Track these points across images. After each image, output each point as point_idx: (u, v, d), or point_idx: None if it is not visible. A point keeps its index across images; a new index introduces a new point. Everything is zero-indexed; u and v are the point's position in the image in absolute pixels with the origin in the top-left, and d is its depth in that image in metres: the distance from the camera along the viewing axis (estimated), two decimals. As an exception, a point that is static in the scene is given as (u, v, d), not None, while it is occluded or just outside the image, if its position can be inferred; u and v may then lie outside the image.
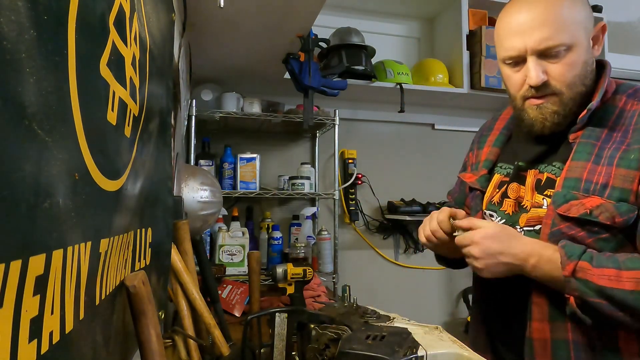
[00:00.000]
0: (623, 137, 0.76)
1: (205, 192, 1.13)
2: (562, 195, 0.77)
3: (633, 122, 0.76)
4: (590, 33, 0.80)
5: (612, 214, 0.72)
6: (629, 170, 0.73)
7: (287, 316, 0.85)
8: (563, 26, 0.76)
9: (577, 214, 0.75)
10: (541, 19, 0.76)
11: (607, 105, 0.81)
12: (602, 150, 0.77)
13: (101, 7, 0.37)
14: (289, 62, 1.56)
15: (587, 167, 0.77)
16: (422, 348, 0.57)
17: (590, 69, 0.80)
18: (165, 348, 0.79)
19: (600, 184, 0.75)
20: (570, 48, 0.77)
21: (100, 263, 0.39)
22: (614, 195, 0.74)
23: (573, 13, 0.77)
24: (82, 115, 0.32)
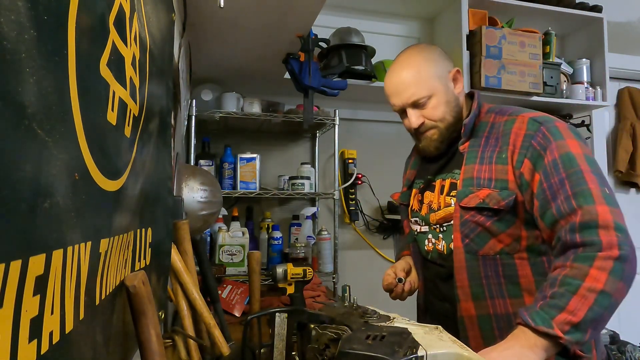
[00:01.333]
0: (495, 142, 1.00)
1: (205, 192, 1.13)
2: (462, 192, 1.00)
3: (501, 130, 1.01)
4: (446, 79, 1.06)
5: (497, 200, 0.94)
6: (503, 166, 0.96)
7: (287, 316, 0.85)
8: (420, 83, 1.03)
9: (475, 203, 0.97)
10: (406, 83, 1.04)
11: (481, 123, 1.06)
12: (483, 153, 1.01)
13: (101, 7, 0.37)
14: (289, 62, 1.56)
15: (476, 168, 1.00)
16: (422, 348, 0.57)
17: (455, 104, 1.06)
18: (165, 348, 0.79)
19: (486, 178, 0.97)
20: (430, 97, 1.03)
21: (100, 263, 0.39)
22: (497, 186, 0.96)
23: (427, 71, 1.04)
24: (82, 115, 0.32)
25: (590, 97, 2.41)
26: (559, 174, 0.88)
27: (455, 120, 1.06)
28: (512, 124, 0.99)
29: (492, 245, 0.96)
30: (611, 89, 2.57)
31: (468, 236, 0.98)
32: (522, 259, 0.96)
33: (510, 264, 0.96)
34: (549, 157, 0.90)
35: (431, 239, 1.10)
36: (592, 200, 0.83)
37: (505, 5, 2.25)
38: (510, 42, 2.15)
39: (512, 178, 0.95)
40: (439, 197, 1.07)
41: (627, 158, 2.69)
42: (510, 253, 0.96)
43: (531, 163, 0.92)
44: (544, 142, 0.92)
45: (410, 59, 1.07)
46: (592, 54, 2.50)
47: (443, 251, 1.06)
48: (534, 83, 2.18)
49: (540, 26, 2.37)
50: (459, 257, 0.99)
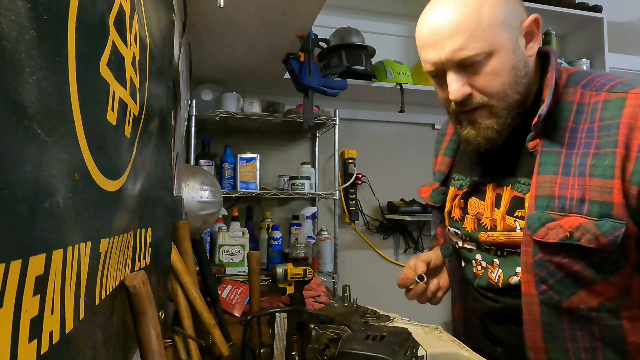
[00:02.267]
0: (588, 137, 0.65)
1: (205, 192, 1.13)
2: (537, 219, 0.67)
3: (597, 117, 0.65)
4: (517, 31, 0.69)
5: (594, 234, 0.62)
6: (604, 180, 0.62)
7: (287, 316, 0.85)
8: (478, 32, 0.66)
9: (557, 238, 0.65)
10: (453, 27, 0.67)
11: (561, 103, 0.69)
12: (569, 157, 0.66)
13: (101, 7, 0.37)
14: (289, 62, 1.56)
15: (557, 181, 0.66)
16: (422, 348, 0.57)
17: (524, 73, 0.70)
18: (165, 348, 0.79)
19: (577, 198, 0.64)
20: (490, 55, 0.67)
21: (100, 263, 0.39)
22: (594, 211, 0.63)
23: (491, 13, 0.66)
24: (82, 115, 0.32)
25: (590, 97, 2.40)
26: None
27: (522, 99, 0.71)
28: (621, 108, 0.63)
29: (583, 298, 0.65)
30: (611, 89, 2.57)
31: (546, 281, 0.67)
32: (633, 319, 0.65)
33: (614, 326, 0.65)
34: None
35: (480, 261, 0.80)
36: None
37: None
38: (510, 42, 2.14)
39: (621, 200, 0.61)
40: (493, 212, 0.75)
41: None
42: (614, 310, 0.65)
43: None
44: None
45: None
46: (592, 54, 2.50)
47: (497, 283, 0.76)
48: (534, 83, 2.17)
49: (540, 26, 2.37)
50: (531, 309, 0.69)
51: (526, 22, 0.69)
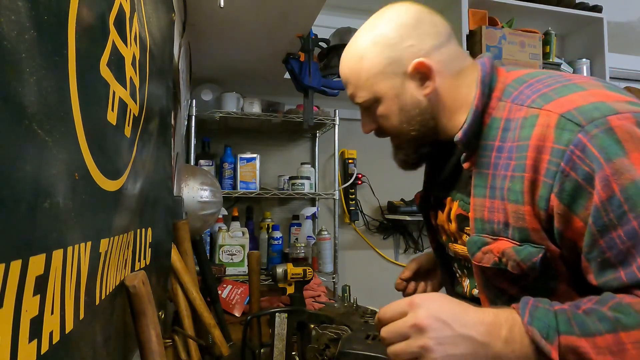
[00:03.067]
0: (509, 158, 0.62)
1: (205, 192, 1.13)
2: (474, 242, 0.67)
3: (517, 135, 0.61)
4: (402, 77, 0.69)
5: (515, 260, 0.60)
6: (517, 206, 0.60)
7: (287, 316, 0.85)
8: (360, 83, 0.71)
9: (489, 263, 0.64)
10: (344, 77, 0.75)
11: (492, 120, 0.66)
12: (494, 179, 0.64)
13: (101, 7, 0.37)
14: (289, 62, 1.56)
15: (487, 205, 0.65)
16: (422, 348, 0.57)
17: (417, 112, 0.70)
18: (165, 348, 0.79)
19: (502, 222, 0.63)
20: (377, 101, 0.71)
21: (100, 263, 0.39)
22: (516, 236, 0.61)
23: (370, 66, 0.70)
24: (82, 115, 0.32)
25: (590, 97, 2.40)
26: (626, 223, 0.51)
27: (427, 130, 0.72)
28: (532, 127, 0.59)
29: None
30: (611, 89, 2.57)
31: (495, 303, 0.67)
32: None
33: None
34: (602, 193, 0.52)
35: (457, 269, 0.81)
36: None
37: (505, 5, 2.25)
38: (510, 42, 2.15)
39: (536, 226, 0.59)
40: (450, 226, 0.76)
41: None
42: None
43: (563, 204, 0.56)
44: (586, 164, 0.54)
45: (359, 37, 0.73)
46: (592, 54, 2.50)
47: (465, 292, 0.78)
48: (534, 83, 2.17)
49: (540, 26, 2.37)
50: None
51: (412, 66, 0.68)
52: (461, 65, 0.71)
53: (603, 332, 0.49)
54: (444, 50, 0.70)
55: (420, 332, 0.52)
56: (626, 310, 0.49)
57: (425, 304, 0.53)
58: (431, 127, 0.72)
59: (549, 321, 0.51)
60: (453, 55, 0.71)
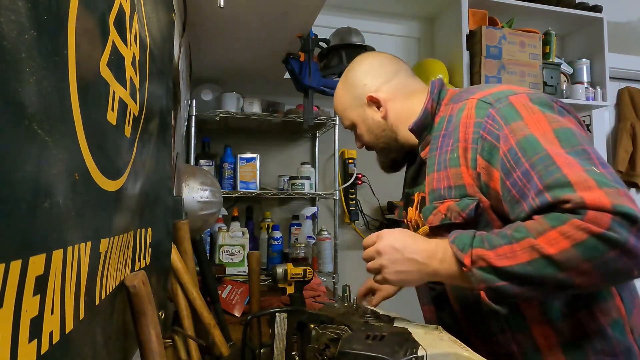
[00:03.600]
0: (449, 138, 0.82)
1: (205, 192, 1.13)
2: (427, 209, 0.85)
3: (453, 122, 0.83)
4: (364, 106, 0.96)
5: (457, 211, 0.78)
6: (456, 168, 0.79)
7: (287, 316, 0.85)
8: (341, 112, 1.01)
9: (438, 221, 0.81)
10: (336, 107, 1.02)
11: (440, 117, 0.88)
12: (440, 156, 0.84)
13: (101, 7, 0.37)
14: (289, 62, 1.56)
15: (435, 177, 0.84)
16: (422, 348, 0.57)
17: (380, 130, 0.95)
18: (165, 348, 0.79)
19: (445, 187, 0.81)
20: (354, 125, 0.99)
21: (100, 263, 0.39)
22: (456, 194, 0.79)
23: (341, 103, 1.00)
24: (82, 115, 0.32)
25: (590, 97, 2.41)
26: (521, 166, 0.68)
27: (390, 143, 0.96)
28: (461, 111, 0.81)
29: None
30: (611, 89, 2.58)
31: None
32: None
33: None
34: (504, 147, 0.71)
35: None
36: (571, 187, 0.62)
37: (505, 5, 2.25)
38: (510, 42, 2.15)
39: (470, 181, 0.77)
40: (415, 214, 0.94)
41: (627, 158, 2.69)
42: None
43: (485, 160, 0.74)
44: (495, 128, 0.73)
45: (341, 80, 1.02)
46: (592, 54, 2.50)
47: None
48: (534, 83, 2.17)
49: (540, 26, 2.37)
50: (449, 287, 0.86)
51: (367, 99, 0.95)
52: (412, 89, 0.95)
53: (502, 244, 0.65)
54: (391, 84, 0.95)
55: (379, 255, 0.75)
56: (520, 229, 0.65)
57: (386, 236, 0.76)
58: (394, 138, 0.96)
59: (465, 240, 0.69)
60: (401, 85, 0.95)
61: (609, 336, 0.73)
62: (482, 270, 0.66)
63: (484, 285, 0.67)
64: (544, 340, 0.75)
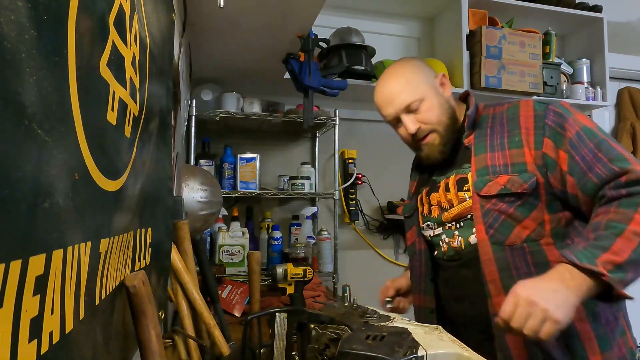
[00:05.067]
0: (501, 128, 1.01)
1: (205, 192, 1.13)
2: (480, 182, 0.98)
3: (505, 117, 1.02)
4: (434, 84, 1.08)
5: (519, 183, 0.93)
6: (519, 149, 0.96)
7: (287, 316, 0.85)
8: (411, 88, 1.06)
9: (496, 190, 0.95)
10: (396, 90, 1.07)
11: (482, 117, 1.08)
12: (492, 141, 1.01)
13: (101, 7, 0.37)
14: (289, 62, 1.56)
15: (488, 156, 0.99)
16: (422, 348, 0.57)
17: (448, 106, 1.08)
18: (165, 348, 0.79)
19: (502, 164, 0.97)
20: (423, 99, 1.05)
21: (100, 263, 0.39)
22: (515, 169, 0.95)
23: (415, 77, 1.07)
24: (82, 115, 0.32)
25: (590, 97, 2.41)
26: (587, 145, 0.89)
27: (452, 122, 1.08)
28: (517, 109, 1.01)
29: (517, 234, 0.93)
30: (611, 89, 2.58)
31: (492, 226, 0.95)
32: (548, 244, 0.92)
33: (539, 251, 0.92)
34: (571, 131, 0.91)
35: (445, 239, 1.07)
36: (628, 163, 0.84)
37: (505, 5, 2.25)
38: (510, 42, 2.15)
39: (531, 160, 0.94)
40: (447, 195, 1.06)
41: (627, 158, 2.69)
42: (536, 239, 0.93)
43: (552, 141, 0.92)
44: (559, 119, 0.93)
45: (395, 70, 1.11)
46: (592, 54, 2.50)
47: (460, 246, 1.02)
48: (534, 83, 2.17)
49: (540, 26, 2.37)
50: (485, 250, 0.95)
51: (438, 77, 1.10)
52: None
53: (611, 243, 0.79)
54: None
55: (533, 304, 0.76)
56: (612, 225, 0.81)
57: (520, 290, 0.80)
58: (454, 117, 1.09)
59: (588, 255, 0.79)
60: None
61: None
62: (614, 272, 0.77)
63: (622, 285, 0.78)
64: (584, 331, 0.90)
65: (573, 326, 0.87)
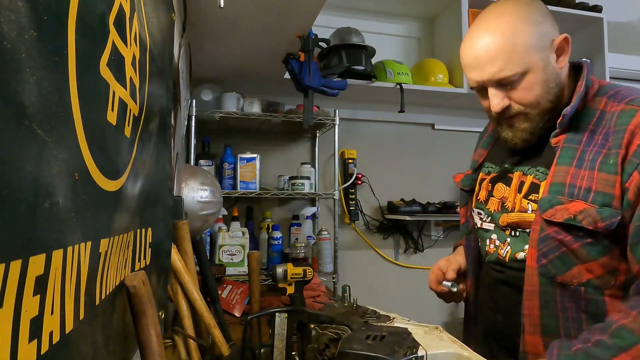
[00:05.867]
0: (604, 140, 0.76)
1: (205, 192, 1.13)
2: (548, 201, 0.78)
3: (612, 124, 0.76)
4: (549, 50, 0.80)
5: (594, 218, 0.73)
6: (609, 175, 0.73)
7: (287, 316, 0.85)
8: (513, 56, 0.78)
9: (562, 219, 0.75)
10: (492, 53, 0.79)
11: (587, 109, 0.81)
12: (584, 153, 0.77)
13: (101, 7, 0.37)
14: (289, 62, 1.56)
15: (570, 172, 0.77)
16: (422, 348, 0.57)
17: (556, 83, 0.81)
18: (165, 348, 0.79)
19: (584, 188, 0.75)
20: (524, 74, 0.79)
21: (100, 263, 0.39)
22: (597, 200, 0.74)
23: (523, 39, 0.77)
24: (82, 115, 0.32)
25: (590, 97, 2.40)
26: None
27: (553, 106, 0.82)
28: (631, 117, 0.74)
29: (576, 274, 0.76)
30: (611, 89, 2.57)
31: (547, 256, 0.78)
32: (614, 297, 0.75)
33: (598, 301, 0.75)
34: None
35: (494, 240, 0.91)
36: None
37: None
38: (510, 42, 2.14)
39: (619, 193, 0.72)
40: (515, 196, 0.87)
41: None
42: (600, 287, 0.75)
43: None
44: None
45: (501, 18, 0.79)
46: (592, 54, 2.50)
47: (505, 258, 0.88)
48: (534, 83, 2.17)
49: (540, 26, 2.37)
50: (531, 280, 0.80)
51: (557, 41, 0.80)
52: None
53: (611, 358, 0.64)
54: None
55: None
56: (622, 334, 0.65)
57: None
58: (558, 100, 0.83)
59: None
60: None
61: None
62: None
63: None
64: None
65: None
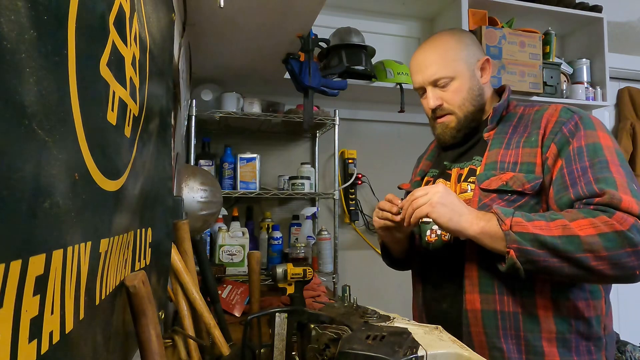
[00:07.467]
0: (524, 129, 0.98)
1: (205, 192, 1.13)
2: (484, 175, 0.96)
3: (530, 119, 0.99)
4: (473, 65, 1.02)
5: (522, 182, 0.91)
6: (532, 149, 0.93)
7: (287, 316, 0.85)
8: (445, 63, 1.00)
9: (496, 185, 0.93)
10: (430, 60, 1.02)
11: (510, 114, 1.04)
12: (510, 139, 0.98)
13: (101, 7, 0.37)
14: (289, 62, 1.56)
15: (500, 152, 0.97)
16: (422, 348, 0.57)
17: (478, 93, 1.02)
18: (165, 348, 0.79)
19: (512, 162, 0.94)
20: (453, 78, 1.00)
21: (100, 263, 0.39)
22: (523, 169, 0.92)
23: (453, 52, 1.01)
24: (82, 115, 0.32)
25: (590, 97, 2.41)
26: (582, 162, 0.85)
27: (476, 110, 1.02)
28: (544, 112, 0.97)
29: None
30: (611, 89, 2.58)
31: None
32: None
33: None
34: (575, 144, 0.87)
35: (435, 230, 1.04)
36: (615, 187, 0.79)
37: (505, 5, 2.25)
38: (510, 42, 2.15)
39: (540, 162, 0.91)
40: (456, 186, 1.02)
41: (627, 158, 2.69)
42: None
43: (557, 148, 0.89)
44: (574, 129, 0.89)
45: (440, 39, 1.05)
46: (592, 54, 2.50)
47: (450, 240, 0.99)
48: (534, 83, 2.17)
49: (540, 26, 2.37)
50: (471, 244, 0.91)
51: (481, 61, 1.03)
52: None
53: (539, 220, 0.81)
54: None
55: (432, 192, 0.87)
56: (555, 214, 0.82)
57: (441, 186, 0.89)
58: (481, 107, 1.04)
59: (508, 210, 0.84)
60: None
61: (591, 324, 0.88)
62: (517, 233, 0.80)
63: (515, 245, 0.80)
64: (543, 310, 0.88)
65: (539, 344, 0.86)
